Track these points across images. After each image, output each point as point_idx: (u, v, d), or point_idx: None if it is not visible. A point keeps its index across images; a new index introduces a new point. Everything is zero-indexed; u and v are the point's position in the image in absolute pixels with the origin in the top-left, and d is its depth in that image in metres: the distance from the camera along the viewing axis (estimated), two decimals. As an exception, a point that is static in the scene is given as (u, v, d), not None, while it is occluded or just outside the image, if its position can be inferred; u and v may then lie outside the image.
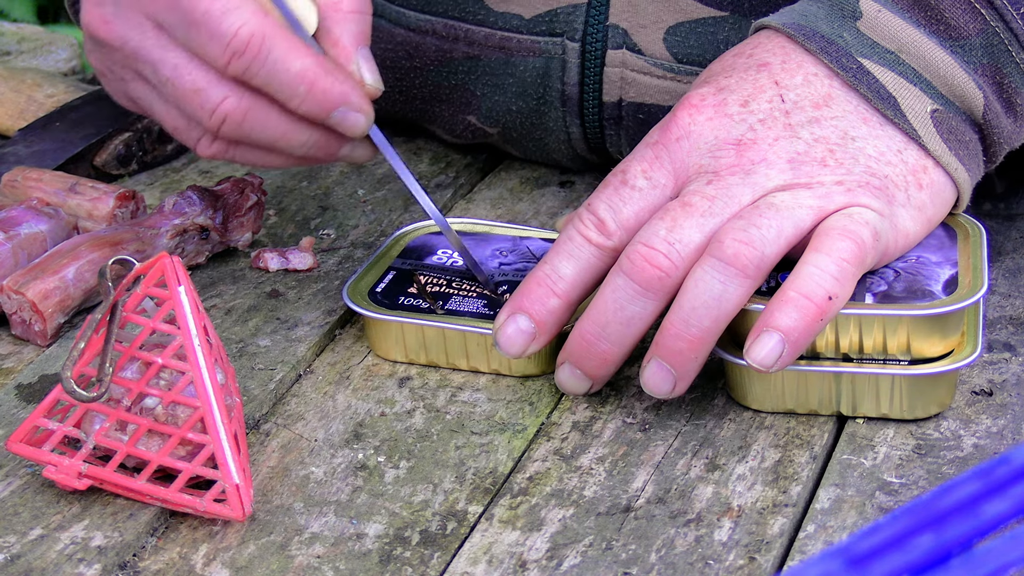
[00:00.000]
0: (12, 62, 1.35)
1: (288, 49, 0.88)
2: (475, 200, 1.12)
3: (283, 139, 0.91)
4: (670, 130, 0.87)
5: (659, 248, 0.83)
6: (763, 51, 0.90)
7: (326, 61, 0.90)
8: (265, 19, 0.88)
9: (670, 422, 0.87)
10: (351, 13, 0.92)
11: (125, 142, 1.14)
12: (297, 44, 0.89)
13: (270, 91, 0.89)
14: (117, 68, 0.94)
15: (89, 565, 0.77)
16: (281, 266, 1.02)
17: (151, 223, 1.00)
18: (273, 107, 0.90)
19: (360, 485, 0.83)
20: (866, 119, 0.88)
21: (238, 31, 0.88)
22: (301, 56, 0.88)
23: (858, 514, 0.80)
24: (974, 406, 0.87)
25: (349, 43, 0.91)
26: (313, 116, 0.90)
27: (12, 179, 1.04)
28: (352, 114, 0.90)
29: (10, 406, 0.89)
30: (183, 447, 0.80)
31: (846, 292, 0.83)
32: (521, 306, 0.87)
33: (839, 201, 0.85)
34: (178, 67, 0.90)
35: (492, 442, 0.86)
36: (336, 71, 0.90)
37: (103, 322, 0.81)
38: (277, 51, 0.88)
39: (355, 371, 0.92)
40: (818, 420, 0.87)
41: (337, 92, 0.89)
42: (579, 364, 0.87)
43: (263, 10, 0.89)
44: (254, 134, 0.91)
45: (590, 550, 0.78)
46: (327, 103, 0.89)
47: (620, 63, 1.05)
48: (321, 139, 0.92)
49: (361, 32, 0.92)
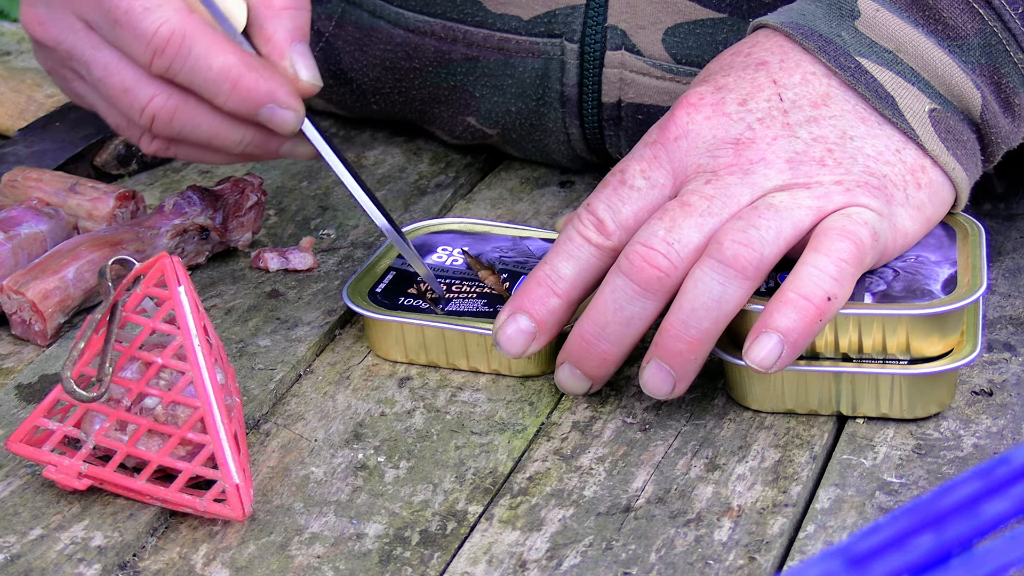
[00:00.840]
0: (12, 62, 1.35)
1: (210, 46, 0.88)
2: (475, 200, 1.12)
3: (216, 137, 0.92)
4: (668, 129, 0.87)
5: (658, 248, 0.83)
6: (761, 50, 0.90)
7: (251, 58, 0.89)
8: (187, 17, 0.88)
9: (670, 422, 0.87)
10: (284, 9, 0.91)
11: (125, 142, 1.14)
12: (220, 41, 0.88)
13: (195, 89, 0.89)
14: (58, 68, 0.95)
15: (89, 565, 0.77)
16: (281, 266, 1.02)
17: (151, 223, 1.00)
18: (202, 105, 0.90)
19: (360, 485, 0.83)
20: (864, 118, 0.88)
21: (158, 29, 0.88)
22: (224, 53, 0.88)
23: (858, 514, 0.80)
24: (974, 406, 0.88)
25: (282, 39, 0.91)
26: (241, 113, 0.90)
27: (12, 179, 1.04)
28: (280, 111, 0.90)
29: (10, 406, 0.89)
30: (183, 447, 0.80)
31: (845, 292, 0.83)
32: (521, 306, 0.87)
33: (838, 201, 0.85)
34: (108, 66, 0.91)
35: (492, 442, 0.86)
36: (262, 67, 0.89)
37: (103, 322, 0.81)
38: (199, 48, 0.88)
39: (355, 371, 0.93)
40: (818, 420, 0.87)
41: (263, 89, 0.89)
42: (579, 364, 0.87)
43: (187, 7, 0.89)
44: (186, 132, 0.91)
45: (590, 550, 0.78)
46: (253, 100, 0.89)
47: (619, 64, 1.05)
48: (257, 136, 0.92)
49: (296, 28, 0.91)
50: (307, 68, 0.91)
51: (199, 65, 0.88)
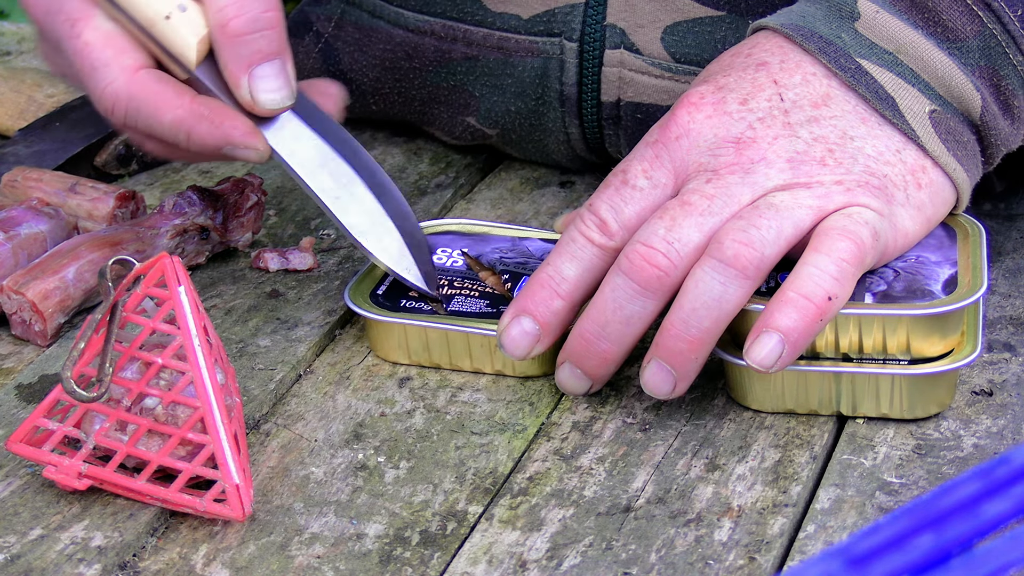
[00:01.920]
0: (12, 62, 1.35)
1: (158, 105, 0.88)
2: (475, 200, 1.12)
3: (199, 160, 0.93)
4: (669, 129, 0.87)
5: (658, 247, 0.83)
6: (761, 51, 0.90)
7: (201, 105, 0.89)
8: (133, 77, 0.89)
9: (670, 422, 0.87)
10: (238, 36, 0.89)
11: (125, 142, 1.14)
12: (166, 95, 0.88)
13: (157, 137, 0.90)
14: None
15: (89, 565, 0.77)
16: (281, 266, 1.02)
17: (151, 223, 1.00)
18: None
19: (360, 485, 0.83)
20: (865, 119, 0.88)
21: (103, 91, 0.89)
22: (171, 109, 0.88)
23: (858, 514, 0.80)
24: (974, 406, 0.88)
25: (236, 68, 0.89)
26: (207, 154, 0.91)
27: (12, 179, 1.04)
28: (240, 151, 0.90)
29: (10, 406, 0.89)
30: (183, 447, 0.80)
31: (846, 292, 0.83)
32: (525, 308, 0.87)
33: (838, 201, 0.85)
34: None
35: (492, 442, 0.86)
36: (212, 114, 0.89)
37: (103, 322, 0.81)
38: (146, 108, 0.88)
39: (355, 371, 0.93)
40: (818, 420, 0.87)
41: (216, 135, 0.89)
42: (579, 363, 0.87)
43: (134, 63, 0.89)
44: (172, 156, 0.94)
45: (590, 550, 0.78)
46: (210, 146, 0.89)
47: (618, 63, 1.05)
48: None
49: (255, 51, 0.89)
50: (267, 91, 0.89)
51: (151, 121, 0.89)
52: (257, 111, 0.90)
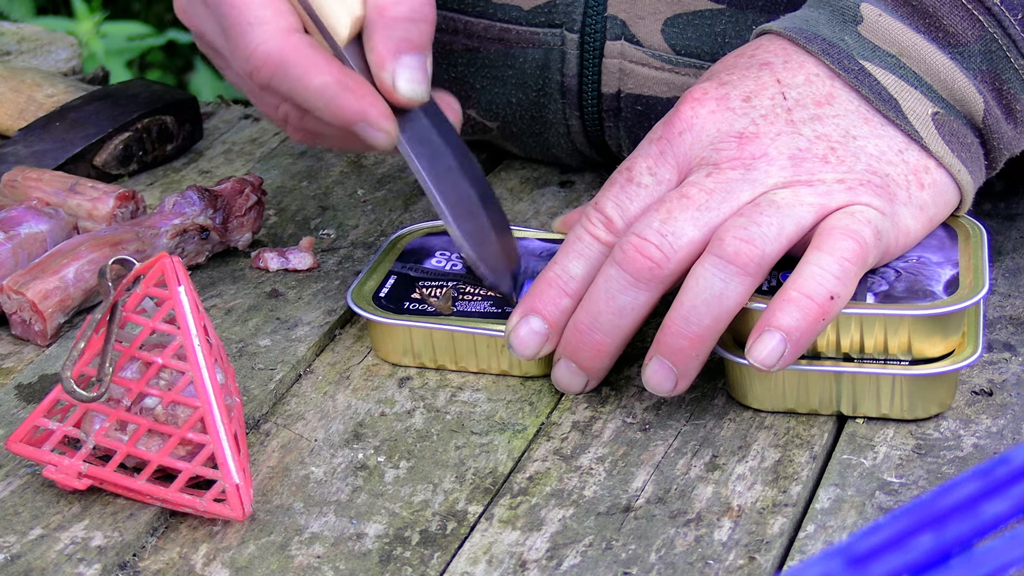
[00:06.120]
0: (12, 62, 1.35)
1: (307, 67, 0.87)
2: (475, 200, 1.12)
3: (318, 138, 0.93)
4: (673, 124, 0.87)
5: (651, 239, 0.84)
6: (764, 52, 0.90)
7: (348, 77, 0.88)
8: (287, 38, 0.88)
9: (670, 422, 0.87)
10: (396, 20, 0.89)
11: (125, 142, 1.14)
12: (318, 61, 0.88)
13: (297, 102, 0.89)
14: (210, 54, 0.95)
15: (89, 565, 0.77)
16: (281, 266, 1.02)
17: (151, 223, 1.00)
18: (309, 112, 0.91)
19: (360, 485, 0.83)
20: (867, 119, 0.88)
21: (255, 50, 0.88)
22: (320, 73, 0.87)
23: (858, 514, 0.80)
24: (974, 406, 0.87)
25: (386, 51, 0.89)
26: (340, 126, 0.90)
27: (12, 179, 1.04)
28: (371, 131, 0.88)
29: (10, 406, 0.89)
30: (183, 447, 0.80)
31: (848, 291, 0.83)
32: (533, 307, 0.87)
33: (840, 199, 0.85)
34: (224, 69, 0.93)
35: (492, 442, 0.86)
36: (357, 87, 0.88)
37: (103, 322, 0.81)
38: (295, 70, 0.87)
39: (355, 371, 0.92)
40: (818, 420, 0.87)
41: (355, 108, 0.88)
42: (573, 356, 0.87)
43: (291, 26, 0.88)
44: (319, 131, 0.92)
45: (590, 550, 0.78)
46: (346, 118, 0.88)
47: (619, 54, 1.05)
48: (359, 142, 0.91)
49: (405, 39, 0.89)
50: (408, 81, 0.89)
51: (297, 85, 0.88)
52: (395, 98, 0.89)
